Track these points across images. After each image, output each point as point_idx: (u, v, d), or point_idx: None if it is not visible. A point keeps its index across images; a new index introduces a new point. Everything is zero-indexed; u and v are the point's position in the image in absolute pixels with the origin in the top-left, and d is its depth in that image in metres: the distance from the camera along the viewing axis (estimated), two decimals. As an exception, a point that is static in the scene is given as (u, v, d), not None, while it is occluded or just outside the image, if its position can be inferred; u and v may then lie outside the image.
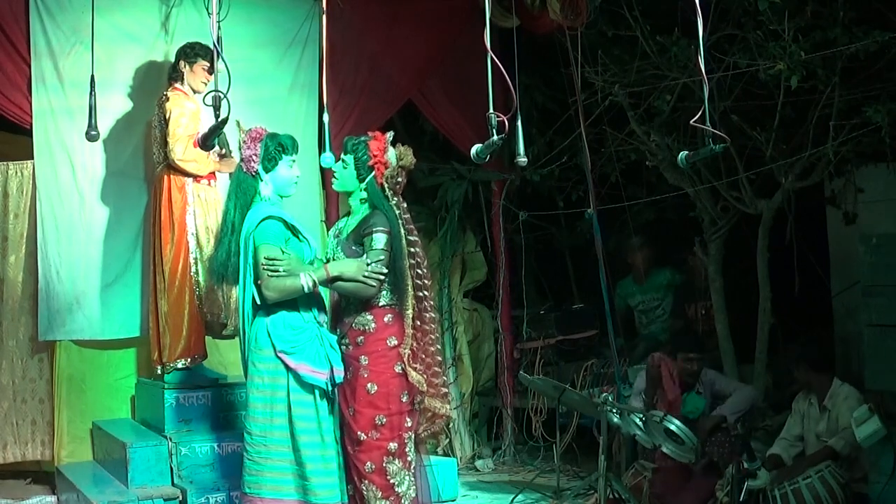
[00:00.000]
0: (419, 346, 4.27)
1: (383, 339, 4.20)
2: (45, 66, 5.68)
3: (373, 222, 4.20)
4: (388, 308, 4.25)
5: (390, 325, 4.23)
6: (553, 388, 5.51)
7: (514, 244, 7.28)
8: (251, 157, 4.31)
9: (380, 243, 4.15)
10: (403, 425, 4.20)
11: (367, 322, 4.22)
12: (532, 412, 6.83)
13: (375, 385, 4.17)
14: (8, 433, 5.70)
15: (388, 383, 4.18)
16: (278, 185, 4.35)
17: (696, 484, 5.20)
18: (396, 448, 4.17)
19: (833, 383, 5.04)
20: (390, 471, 4.15)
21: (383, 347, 4.20)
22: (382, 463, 4.15)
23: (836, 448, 4.85)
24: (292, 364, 4.18)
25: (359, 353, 4.21)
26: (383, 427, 4.16)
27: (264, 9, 6.31)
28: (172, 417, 5.32)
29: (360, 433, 4.15)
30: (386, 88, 6.65)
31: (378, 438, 4.15)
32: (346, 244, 4.27)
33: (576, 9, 5.83)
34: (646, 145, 6.42)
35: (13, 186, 5.74)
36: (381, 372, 4.17)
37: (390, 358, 4.20)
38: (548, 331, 6.99)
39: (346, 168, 4.30)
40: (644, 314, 7.22)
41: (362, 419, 4.15)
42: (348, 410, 4.21)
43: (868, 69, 5.55)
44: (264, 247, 4.15)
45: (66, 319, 5.69)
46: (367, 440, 4.15)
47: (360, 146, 4.29)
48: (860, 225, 6.28)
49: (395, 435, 4.18)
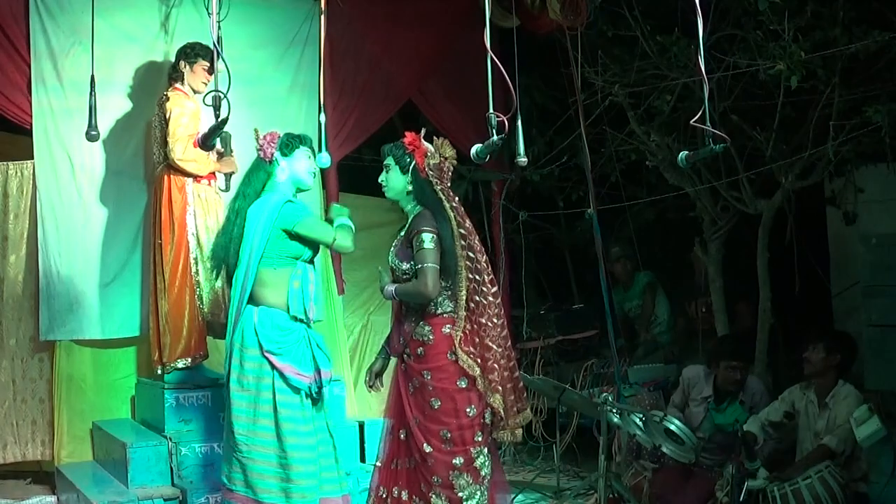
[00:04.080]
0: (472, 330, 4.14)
1: (444, 353, 4.12)
2: (44, 66, 5.67)
3: (417, 223, 4.16)
4: (447, 317, 4.16)
5: (449, 335, 4.13)
6: (553, 388, 5.51)
7: (514, 244, 7.28)
8: (269, 144, 4.34)
9: (426, 243, 4.09)
10: (472, 439, 4.11)
11: (426, 333, 4.15)
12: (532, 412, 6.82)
13: (439, 401, 4.10)
14: (8, 433, 5.70)
15: (452, 398, 4.10)
16: (296, 173, 4.38)
17: (696, 484, 5.19)
18: (462, 463, 4.08)
19: (837, 382, 5.02)
20: (458, 485, 4.07)
21: (445, 362, 4.12)
22: (449, 477, 4.07)
23: (830, 446, 4.83)
24: (278, 365, 4.17)
25: (421, 367, 4.14)
26: (448, 441, 4.09)
27: (264, 9, 6.31)
28: (172, 417, 5.32)
29: (425, 445, 4.09)
30: (386, 88, 6.65)
31: (444, 452, 4.08)
32: (400, 248, 4.24)
33: (576, 9, 5.83)
34: (646, 145, 6.42)
35: (13, 186, 5.74)
36: (445, 388, 4.10)
37: (452, 373, 4.11)
38: (548, 331, 6.99)
39: (390, 171, 4.28)
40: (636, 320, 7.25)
41: (427, 432, 4.10)
42: (413, 420, 4.15)
43: (868, 69, 5.55)
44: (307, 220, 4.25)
45: (67, 319, 5.69)
46: (432, 453, 4.08)
47: (395, 147, 4.29)
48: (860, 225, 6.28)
49: (461, 449, 4.09)
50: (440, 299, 4.15)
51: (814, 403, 5.04)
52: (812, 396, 5.06)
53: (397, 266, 4.23)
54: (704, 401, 5.42)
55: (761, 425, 5.14)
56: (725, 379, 5.36)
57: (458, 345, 4.10)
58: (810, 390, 5.08)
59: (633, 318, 7.28)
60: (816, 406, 5.03)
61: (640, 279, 7.19)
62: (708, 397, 5.42)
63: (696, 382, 5.50)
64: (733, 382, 5.35)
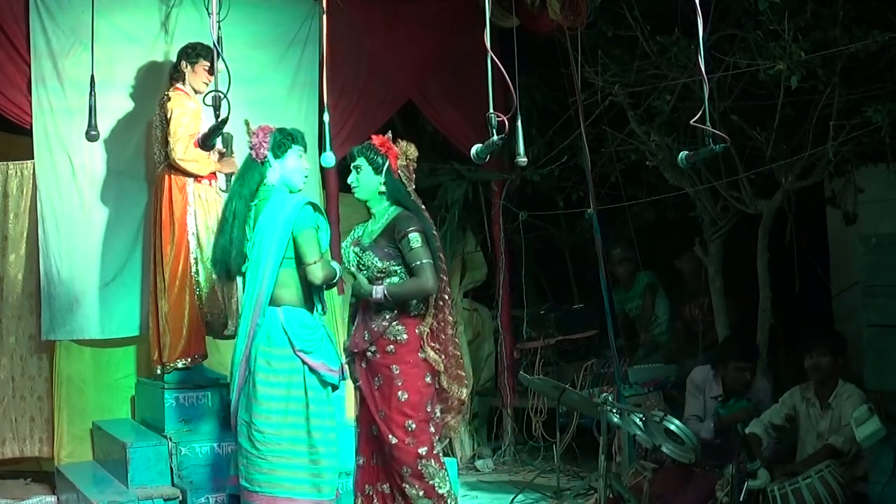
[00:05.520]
0: (438, 327, 4.41)
1: (415, 351, 4.35)
2: (45, 66, 5.67)
3: (404, 224, 4.32)
4: (418, 317, 4.38)
5: (419, 335, 4.36)
6: (553, 388, 5.51)
7: (514, 244, 7.28)
8: (261, 144, 4.36)
9: (418, 242, 4.28)
10: (429, 431, 4.35)
11: (399, 332, 4.34)
12: (532, 412, 6.83)
13: (407, 393, 4.32)
14: (7, 429, 5.71)
15: (419, 392, 4.33)
16: (287, 174, 4.40)
17: (696, 484, 5.19)
18: (427, 451, 4.31)
19: (838, 383, 5.02)
20: (427, 473, 4.30)
21: (415, 359, 4.35)
22: (417, 466, 4.29)
23: (836, 445, 4.83)
24: (312, 363, 4.24)
25: (389, 362, 4.34)
26: (413, 433, 4.30)
27: (264, 9, 6.31)
28: (172, 417, 5.33)
29: (390, 437, 4.30)
30: (386, 88, 6.65)
31: (409, 444, 4.29)
32: (376, 247, 4.34)
33: (576, 9, 5.84)
34: (646, 145, 6.42)
35: (13, 186, 5.74)
36: (413, 383, 4.33)
37: (422, 369, 4.35)
38: (548, 331, 7.00)
39: (361, 171, 4.41)
40: (636, 320, 7.25)
41: (393, 424, 4.31)
42: (378, 414, 4.35)
43: (868, 69, 5.54)
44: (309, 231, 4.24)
45: (67, 319, 5.69)
46: (398, 444, 4.29)
47: (365, 148, 4.43)
48: (860, 225, 6.27)
49: (423, 439, 4.32)
50: (413, 301, 4.35)
51: (815, 405, 5.05)
52: (813, 398, 5.06)
53: (372, 264, 4.35)
54: (714, 400, 5.46)
55: (764, 428, 5.14)
56: (735, 380, 5.40)
57: (426, 340, 4.35)
58: (810, 392, 5.08)
59: (634, 318, 7.28)
60: (818, 407, 5.03)
61: (641, 279, 7.19)
62: (717, 397, 5.45)
63: (707, 384, 5.54)
64: (743, 383, 5.40)
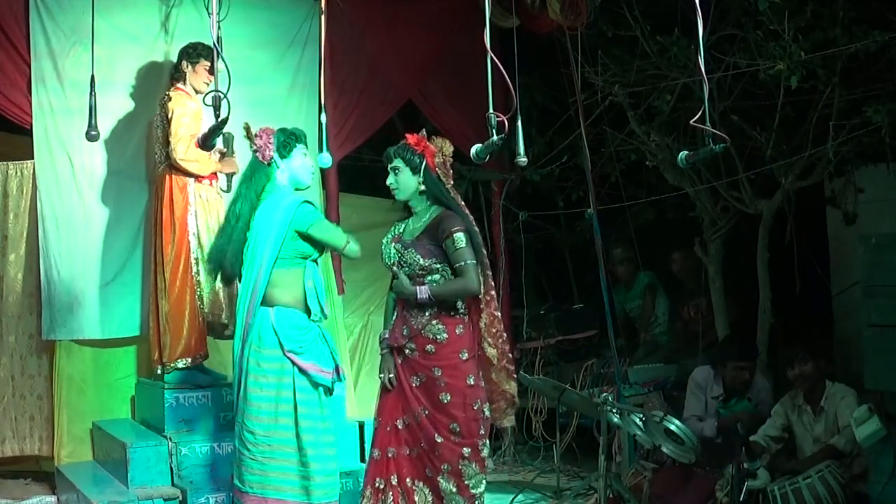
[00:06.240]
0: (490, 321, 4.38)
1: (456, 353, 4.29)
2: (45, 66, 5.67)
3: (448, 224, 4.28)
4: (460, 318, 4.33)
5: (461, 336, 4.31)
6: (553, 388, 5.51)
7: (514, 244, 7.28)
8: (266, 146, 4.36)
9: (462, 242, 4.24)
10: (477, 432, 4.29)
11: (439, 332, 4.29)
12: (532, 412, 6.83)
13: (449, 395, 4.26)
14: (6, 428, 5.72)
15: (462, 393, 4.27)
16: (294, 173, 4.40)
17: (696, 484, 5.20)
18: (470, 453, 4.27)
19: (825, 384, 5.04)
20: (466, 473, 4.26)
21: (456, 361, 4.29)
22: (458, 465, 4.26)
23: (838, 446, 4.84)
24: (302, 364, 4.23)
25: (430, 363, 4.29)
26: (458, 434, 4.26)
27: (264, 9, 6.31)
28: (172, 417, 5.32)
29: (435, 436, 4.26)
30: (386, 88, 6.65)
31: (453, 443, 4.25)
32: (418, 244, 4.31)
33: (576, 9, 5.83)
34: (646, 145, 6.42)
35: (13, 186, 5.74)
36: (455, 384, 4.27)
37: (464, 371, 4.29)
38: (548, 331, 6.99)
39: (400, 172, 4.37)
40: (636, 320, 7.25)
41: (437, 423, 4.27)
42: (422, 410, 4.29)
43: (868, 69, 5.54)
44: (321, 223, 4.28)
45: (67, 319, 5.69)
46: (443, 443, 4.25)
47: (401, 148, 4.39)
48: (860, 225, 6.27)
49: (469, 441, 4.27)
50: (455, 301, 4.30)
51: (807, 411, 5.06)
52: (804, 405, 5.08)
53: (414, 261, 4.30)
54: (715, 400, 5.46)
55: (764, 439, 5.15)
56: (734, 379, 5.41)
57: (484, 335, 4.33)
58: (800, 399, 5.09)
59: (634, 318, 7.29)
60: (811, 413, 5.05)
61: (641, 279, 7.20)
62: (718, 396, 5.45)
63: (708, 384, 5.55)
64: (742, 382, 5.40)
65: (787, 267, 6.27)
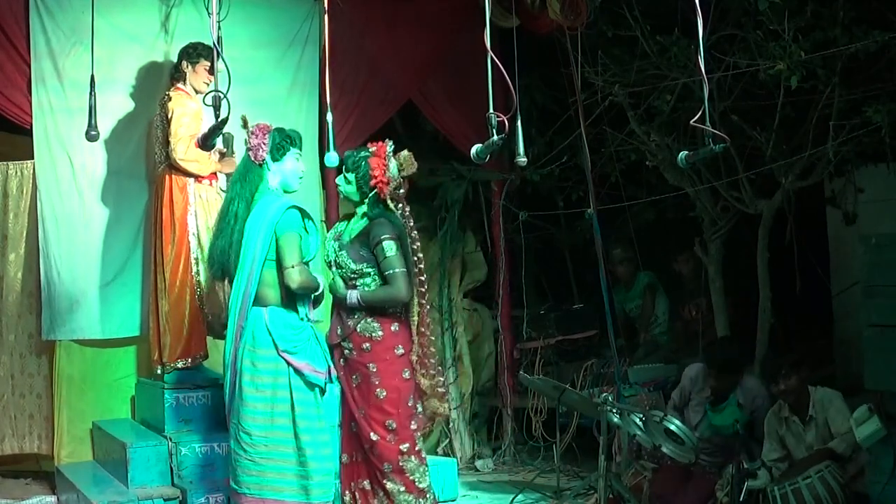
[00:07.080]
0: (423, 352, 4.47)
1: (391, 348, 4.39)
2: (45, 66, 5.68)
3: (379, 231, 4.34)
4: (394, 316, 4.41)
5: (397, 333, 4.41)
6: (553, 388, 5.51)
7: (514, 244, 7.28)
8: (260, 146, 4.35)
9: (392, 250, 4.32)
10: (410, 427, 4.40)
11: (373, 329, 4.38)
12: (532, 412, 6.83)
13: (385, 391, 4.36)
14: (6, 426, 5.73)
15: (397, 389, 4.37)
16: (285, 177, 4.39)
17: (696, 484, 5.19)
18: (408, 448, 4.37)
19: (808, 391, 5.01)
20: (408, 468, 4.36)
21: (391, 356, 4.39)
22: (398, 463, 4.34)
23: (837, 450, 4.83)
24: (296, 363, 4.22)
25: (366, 359, 4.38)
26: (394, 431, 4.35)
27: (264, 9, 6.31)
28: (172, 417, 5.33)
29: (372, 434, 4.35)
30: (386, 88, 6.65)
31: (390, 441, 4.34)
32: (351, 248, 4.38)
33: (576, 9, 5.83)
34: (646, 145, 6.42)
35: (13, 186, 5.75)
36: (390, 379, 4.37)
37: (399, 366, 4.40)
38: (548, 331, 7.00)
39: (350, 184, 4.47)
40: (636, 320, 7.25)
41: (373, 422, 4.36)
42: (358, 412, 4.39)
43: (868, 69, 5.54)
44: (291, 235, 4.22)
45: (67, 319, 5.70)
46: (379, 441, 4.34)
47: (360, 164, 4.43)
48: (860, 225, 6.27)
49: (405, 436, 4.37)
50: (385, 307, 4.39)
51: (795, 422, 5.04)
52: (790, 416, 5.05)
53: (346, 265, 4.39)
54: (704, 401, 5.43)
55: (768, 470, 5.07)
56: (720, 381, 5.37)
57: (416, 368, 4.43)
58: (785, 411, 5.07)
59: (634, 318, 7.29)
60: (799, 423, 5.03)
61: (641, 279, 7.20)
62: (707, 397, 5.42)
63: (697, 382, 5.52)
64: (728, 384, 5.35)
65: (787, 267, 6.27)
